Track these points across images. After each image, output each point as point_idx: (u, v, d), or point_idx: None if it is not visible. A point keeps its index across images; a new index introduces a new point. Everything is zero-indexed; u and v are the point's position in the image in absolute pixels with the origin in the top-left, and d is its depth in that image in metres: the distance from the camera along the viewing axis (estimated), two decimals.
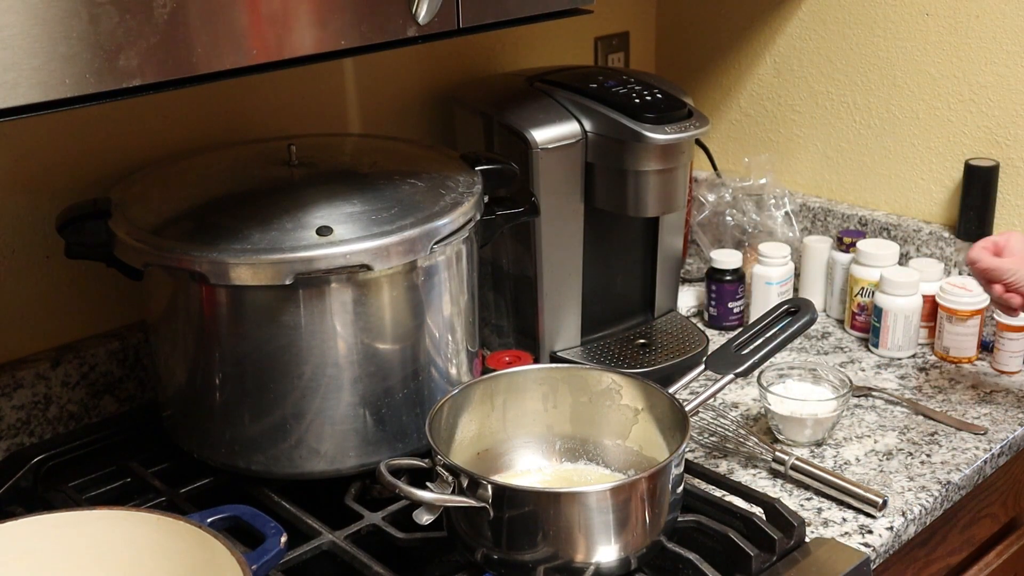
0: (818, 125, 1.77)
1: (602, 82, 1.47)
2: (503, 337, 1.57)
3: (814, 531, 1.20)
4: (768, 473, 1.31)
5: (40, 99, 0.81)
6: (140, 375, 1.40)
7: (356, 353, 1.16)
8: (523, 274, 1.50)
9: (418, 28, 1.01)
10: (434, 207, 1.18)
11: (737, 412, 1.45)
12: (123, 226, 1.16)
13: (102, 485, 1.25)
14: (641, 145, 1.40)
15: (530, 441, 1.24)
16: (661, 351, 1.54)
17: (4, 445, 1.30)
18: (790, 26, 1.77)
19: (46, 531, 0.97)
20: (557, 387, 1.23)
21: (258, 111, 1.46)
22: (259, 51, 0.92)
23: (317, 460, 1.19)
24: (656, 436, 1.18)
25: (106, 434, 1.33)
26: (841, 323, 1.68)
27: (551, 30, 1.74)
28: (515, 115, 1.44)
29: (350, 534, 1.15)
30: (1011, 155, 1.58)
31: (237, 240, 1.11)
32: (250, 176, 1.26)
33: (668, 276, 1.62)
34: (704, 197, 1.81)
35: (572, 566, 1.05)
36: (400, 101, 1.61)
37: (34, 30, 0.80)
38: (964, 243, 1.62)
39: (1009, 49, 1.54)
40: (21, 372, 1.30)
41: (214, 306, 1.15)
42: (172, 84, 0.88)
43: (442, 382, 1.23)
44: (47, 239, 1.30)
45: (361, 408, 1.18)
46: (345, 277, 1.13)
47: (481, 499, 1.03)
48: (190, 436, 1.24)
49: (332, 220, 1.13)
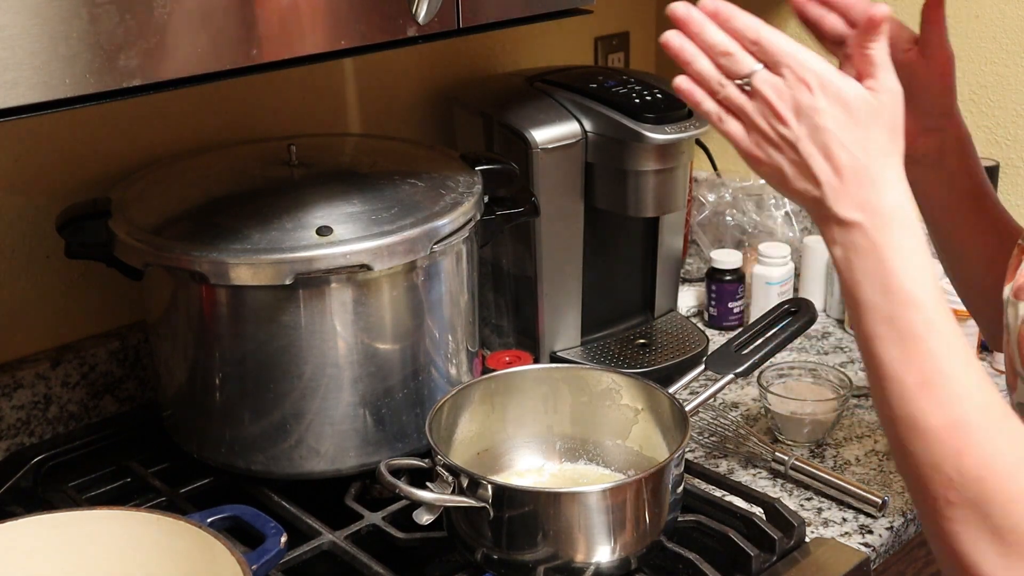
0: None
1: (602, 82, 1.47)
2: (503, 337, 1.57)
3: (814, 531, 1.20)
4: (768, 473, 1.31)
5: (40, 99, 0.81)
6: (140, 375, 1.40)
7: (356, 353, 1.16)
8: (523, 274, 1.50)
9: (418, 28, 1.01)
10: (434, 207, 1.18)
11: (737, 412, 1.45)
12: (123, 226, 1.16)
13: (102, 485, 1.25)
14: (641, 145, 1.40)
15: (530, 441, 1.24)
16: (661, 351, 1.54)
17: (4, 445, 1.30)
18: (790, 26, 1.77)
19: (46, 531, 0.97)
20: (557, 387, 1.23)
21: (258, 111, 1.46)
22: (259, 51, 0.92)
23: (317, 460, 1.19)
24: (656, 436, 1.18)
25: (106, 434, 1.33)
26: (841, 323, 1.68)
27: (551, 30, 1.74)
28: (515, 115, 1.44)
29: (350, 534, 1.15)
30: (1011, 155, 1.58)
31: (237, 240, 1.11)
32: (250, 176, 1.26)
33: (668, 276, 1.62)
34: (704, 197, 1.81)
35: (572, 566, 1.05)
36: (400, 101, 1.61)
37: (34, 30, 0.80)
38: None
39: (1009, 49, 1.54)
40: (21, 372, 1.30)
41: (214, 306, 1.15)
42: (172, 84, 0.88)
43: (442, 382, 1.23)
44: (47, 239, 1.30)
45: (361, 408, 1.18)
46: (345, 277, 1.13)
47: (481, 499, 1.03)
48: (190, 436, 1.24)
49: (332, 220, 1.13)
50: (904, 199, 0.85)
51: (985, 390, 0.83)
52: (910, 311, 0.84)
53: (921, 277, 0.84)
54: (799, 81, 0.85)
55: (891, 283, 0.84)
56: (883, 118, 0.85)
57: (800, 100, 0.85)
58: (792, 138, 0.85)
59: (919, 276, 0.84)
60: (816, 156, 0.85)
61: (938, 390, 0.82)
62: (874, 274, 0.85)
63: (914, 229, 0.85)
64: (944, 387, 0.82)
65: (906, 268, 0.84)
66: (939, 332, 0.83)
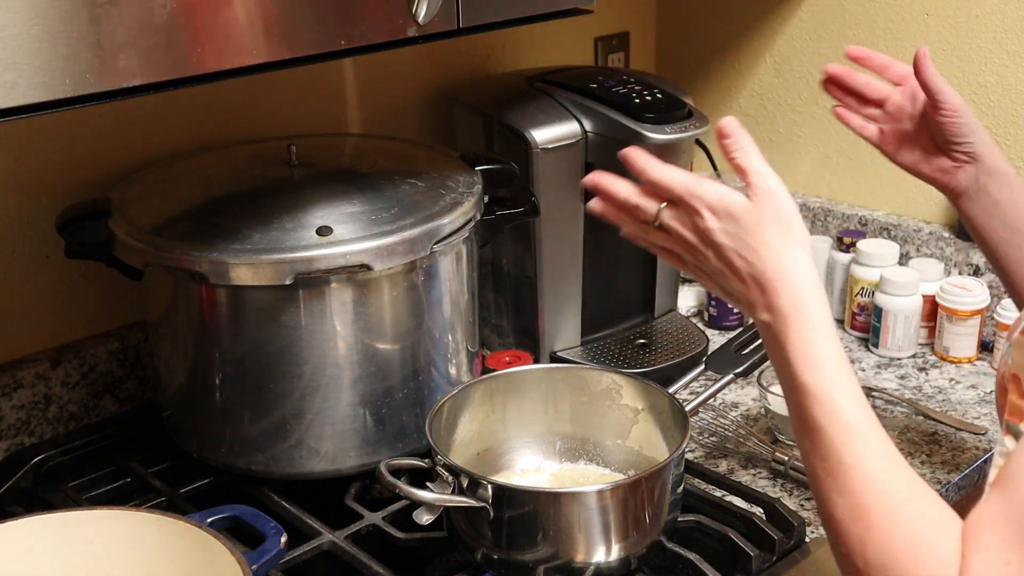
0: (818, 125, 1.77)
1: (602, 82, 1.47)
2: (503, 337, 1.57)
3: (814, 531, 1.20)
4: (768, 473, 1.31)
5: (40, 99, 0.81)
6: (140, 375, 1.40)
7: (356, 353, 1.16)
8: (523, 274, 1.50)
9: (418, 28, 1.01)
10: (434, 207, 1.18)
11: (737, 412, 1.45)
12: (123, 226, 1.16)
13: (102, 485, 1.25)
14: (641, 145, 1.39)
15: (530, 441, 1.24)
16: (661, 351, 1.54)
17: (4, 445, 1.30)
18: (790, 26, 1.77)
19: (46, 531, 0.97)
20: (557, 387, 1.23)
21: (258, 111, 1.46)
22: (259, 51, 0.92)
23: (317, 460, 1.19)
24: (656, 436, 1.18)
25: (106, 434, 1.33)
26: (841, 323, 1.68)
27: (551, 30, 1.74)
28: (515, 115, 1.44)
29: (350, 534, 1.15)
30: (1011, 155, 1.58)
31: (237, 240, 1.11)
32: (250, 176, 1.26)
33: (668, 276, 1.62)
34: None
35: (572, 566, 1.05)
36: (400, 101, 1.61)
37: (34, 30, 0.80)
38: (964, 243, 1.62)
39: (1009, 49, 1.54)
40: (21, 372, 1.30)
41: (214, 306, 1.15)
42: (172, 84, 0.88)
43: (442, 382, 1.23)
44: (47, 239, 1.30)
45: (361, 408, 1.18)
46: (345, 277, 1.13)
47: (481, 499, 1.03)
48: (190, 436, 1.24)
49: (332, 220, 1.13)
50: (804, 291, 0.90)
51: (886, 476, 0.85)
52: (811, 402, 0.88)
53: (822, 368, 0.88)
54: (691, 210, 0.94)
55: (794, 377, 0.89)
56: (767, 218, 0.92)
57: (698, 225, 0.94)
58: (703, 259, 0.95)
59: (820, 367, 0.88)
60: (723, 271, 0.94)
61: (840, 479, 0.86)
62: (782, 368, 0.91)
63: (816, 320, 0.90)
64: (845, 475, 0.85)
65: (807, 361, 0.89)
66: (840, 422, 0.87)
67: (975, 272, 1.62)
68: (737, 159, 0.95)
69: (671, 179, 0.95)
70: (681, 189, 0.94)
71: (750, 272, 0.92)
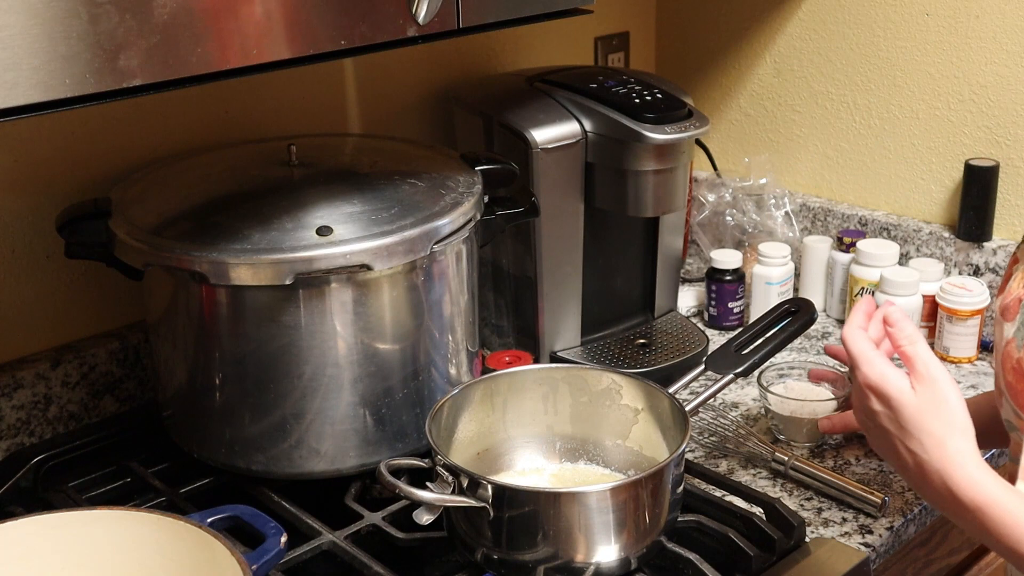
0: (818, 125, 1.77)
1: (602, 82, 1.47)
2: (503, 337, 1.57)
3: (814, 531, 1.20)
4: (768, 473, 1.31)
5: (40, 99, 0.81)
6: (140, 375, 1.40)
7: (356, 353, 1.16)
8: (523, 274, 1.50)
9: (418, 28, 1.01)
10: (434, 207, 1.18)
11: (737, 412, 1.45)
12: (123, 226, 1.16)
13: (102, 485, 1.25)
14: (641, 145, 1.40)
15: (530, 441, 1.24)
16: (661, 351, 1.54)
17: (4, 445, 1.30)
18: (790, 26, 1.77)
19: (46, 531, 0.97)
20: (557, 387, 1.23)
21: (258, 111, 1.46)
22: (259, 51, 0.92)
23: (317, 460, 1.19)
24: (656, 436, 1.18)
25: (106, 434, 1.33)
26: (841, 323, 1.68)
27: (551, 30, 1.74)
28: (515, 115, 1.44)
29: (350, 534, 1.15)
30: (1011, 155, 1.58)
31: (237, 240, 1.11)
32: (250, 176, 1.26)
33: (668, 276, 1.62)
34: (704, 197, 1.81)
35: (572, 566, 1.05)
36: (400, 101, 1.61)
37: (34, 30, 0.80)
38: (964, 243, 1.62)
39: (1009, 49, 1.54)
40: (21, 372, 1.30)
41: (214, 306, 1.15)
42: (172, 84, 0.88)
43: (442, 382, 1.23)
44: (47, 239, 1.30)
45: (361, 408, 1.18)
46: (345, 277, 1.13)
47: (481, 499, 1.03)
48: (190, 436, 1.24)
49: (332, 220, 1.13)
50: (972, 477, 0.95)
51: None
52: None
53: (983, 493, 0.95)
54: (863, 388, 1.01)
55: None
56: (928, 408, 0.98)
57: (865, 404, 1.01)
58: (872, 436, 1.03)
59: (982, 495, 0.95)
60: (887, 453, 1.01)
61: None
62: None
63: (992, 510, 0.94)
64: None
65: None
66: None
67: (975, 272, 1.62)
68: (903, 348, 1.01)
69: (848, 346, 1.03)
70: (856, 364, 1.02)
71: (915, 461, 0.98)
